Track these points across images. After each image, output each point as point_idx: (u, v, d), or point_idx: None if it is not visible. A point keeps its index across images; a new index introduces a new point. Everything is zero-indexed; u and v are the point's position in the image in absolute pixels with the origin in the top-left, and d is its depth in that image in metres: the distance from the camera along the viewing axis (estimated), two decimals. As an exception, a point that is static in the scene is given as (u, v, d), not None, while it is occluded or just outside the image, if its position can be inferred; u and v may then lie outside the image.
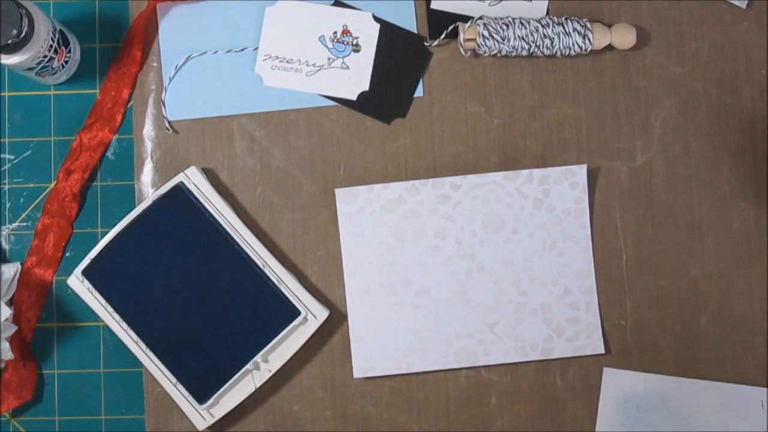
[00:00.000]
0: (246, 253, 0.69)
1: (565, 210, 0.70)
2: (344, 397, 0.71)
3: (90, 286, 0.68)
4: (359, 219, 0.71)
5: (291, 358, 0.69)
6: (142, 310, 0.68)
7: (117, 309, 0.68)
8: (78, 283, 0.68)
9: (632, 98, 0.72)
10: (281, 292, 0.68)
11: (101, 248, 0.68)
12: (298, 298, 0.68)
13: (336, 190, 0.71)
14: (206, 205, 0.69)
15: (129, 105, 0.72)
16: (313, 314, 0.69)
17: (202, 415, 0.68)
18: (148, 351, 0.68)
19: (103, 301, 0.68)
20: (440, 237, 0.70)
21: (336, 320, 0.71)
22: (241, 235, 0.69)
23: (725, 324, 0.71)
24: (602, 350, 0.70)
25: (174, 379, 0.68)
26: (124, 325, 0.68)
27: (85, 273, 0.68)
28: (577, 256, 0.70)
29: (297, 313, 0.68)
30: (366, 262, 0.71)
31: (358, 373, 0.70)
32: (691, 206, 0.72)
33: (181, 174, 0.69)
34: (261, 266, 0.68)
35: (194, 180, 0.69)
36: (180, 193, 0.69)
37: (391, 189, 0.71)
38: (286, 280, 0.69)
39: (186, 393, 0.68)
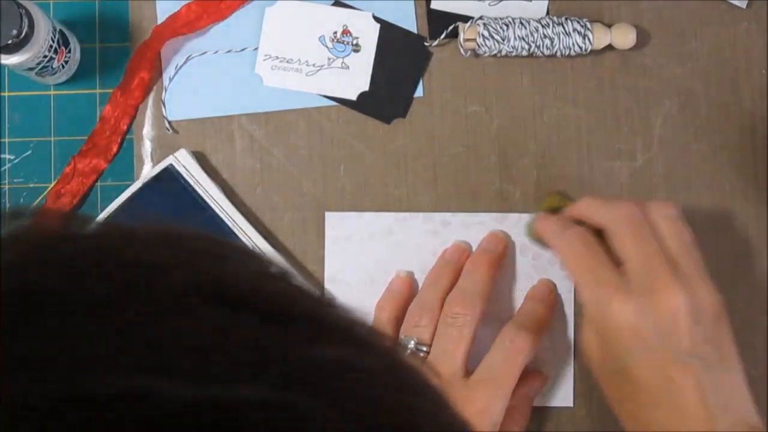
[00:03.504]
0: (236, 236, 0.68)
1: (551, 259, 0.69)
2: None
3: None
4: (346, 245, 0.70)
5: None
6: None
7: None
8: None
9: (632, 98, 0.72)
10: None
11: None
12: None
13: (326, 214, 0.70)
14: (196, 187, 0.69)
15: (126, 136, 0.71)
16: None
17: None
18: None
19: None
20: (425, 273, 0.69)
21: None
22: (231, 217, 0.69)
23: (725, 324, 0.71)
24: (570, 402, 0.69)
25: None
26: None
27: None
28: (557, 308, 0.69)
29: None
30: (348, 288, 0.70)
31: None
32: (691, 206, 0.72)
33: (171, 156, 0.69)
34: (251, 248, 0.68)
35: (184, 162, 0.69)
36: (170, 175, 0.69)
37: (381, 219, 0.70)
38: (276, 261, 0.68)
39: None
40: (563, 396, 0.69)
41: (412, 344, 0.64)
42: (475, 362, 0.64)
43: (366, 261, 0.70)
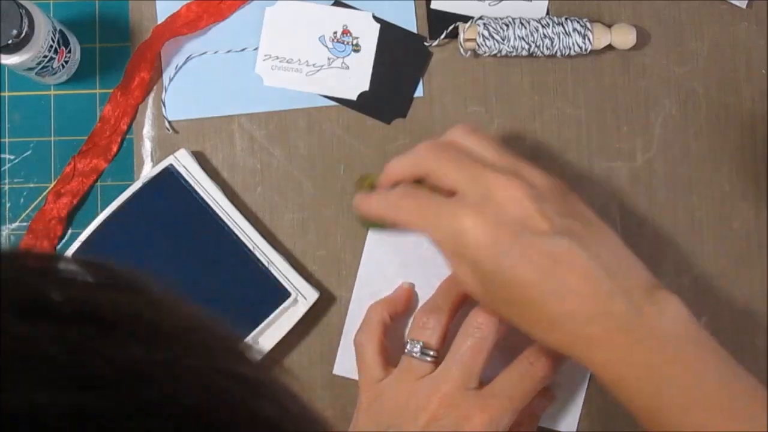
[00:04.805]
0: (236, 236, 0.68)
1: None
2: (344, 397, 0.71)
3: None
4: (390, 233, 0.69)
5: (282, 340, 0.68)
6: None
7: None
8: None
9: (632, 98, 0.72)
10: (271, 274, 0.68)
11: (91, 231, 0.68)
12: (288, 279, 0.68)
13: None
14: (196, 187, 0.69)
15: (126, 136, 0.71)
16: (303, 296, 0.68)
17: None
18: None
19: None
20: None
21: (335, 321, 0.71)
22: (231, 217, 0.69)
23: (725, 324, 0.71)
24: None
25: None
26: None
27: (77, 256, 0.68)
28: None
29: (287, 294, 0.68)
30: (381, 267, 0.70)
31: (338, 370, 0.70)
32: (691, 206, 0.72)
33: (171, 156, 0.69)
34: (251, 248, 0.68)
35: (184, 162, 0.69)
36: (170, 175, 0.69)
37: None
38: (276, 261, 0.68)
39: None
40: (568, 423, 0.69)
41: (417, 349, 0.64)
42: (489, 376, 0.64)
43: (408, 244, 0.69)
